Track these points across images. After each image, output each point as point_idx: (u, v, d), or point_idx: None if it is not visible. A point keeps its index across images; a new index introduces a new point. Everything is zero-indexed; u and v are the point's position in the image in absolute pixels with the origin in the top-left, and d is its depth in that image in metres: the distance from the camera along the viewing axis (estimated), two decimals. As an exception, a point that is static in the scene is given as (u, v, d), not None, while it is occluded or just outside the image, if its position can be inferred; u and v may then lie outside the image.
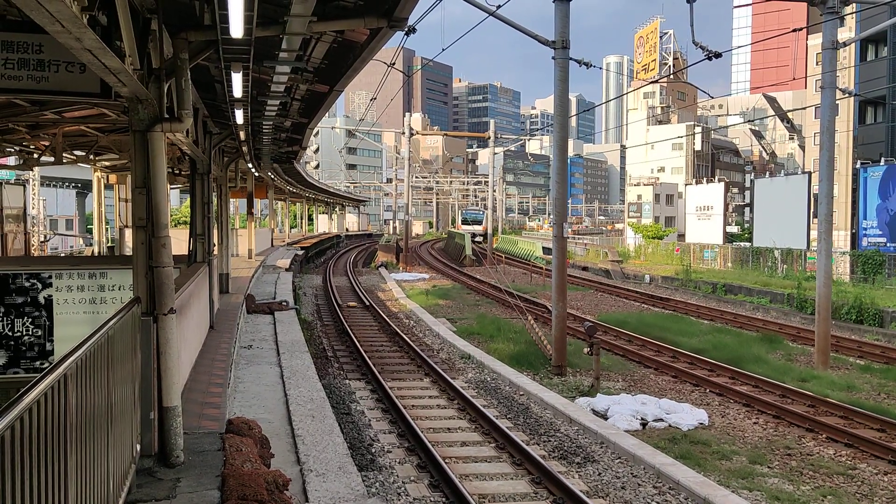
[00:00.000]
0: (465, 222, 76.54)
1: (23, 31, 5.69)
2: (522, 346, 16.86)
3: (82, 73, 5.87)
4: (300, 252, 39.85)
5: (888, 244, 33.07)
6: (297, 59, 8.53)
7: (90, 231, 41.14)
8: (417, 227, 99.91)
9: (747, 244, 43.59)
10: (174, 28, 6.26)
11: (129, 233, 21.13)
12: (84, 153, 18.08)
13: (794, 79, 34.48)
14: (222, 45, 6.43)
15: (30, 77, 5.79)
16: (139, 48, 5.53)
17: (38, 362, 9.17)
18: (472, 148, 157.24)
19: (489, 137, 50.31)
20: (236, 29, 5.77)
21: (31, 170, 30.98)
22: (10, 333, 9.13)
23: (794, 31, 16.39)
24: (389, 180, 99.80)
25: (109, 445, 4.34)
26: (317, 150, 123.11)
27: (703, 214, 53.25)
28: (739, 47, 66.07)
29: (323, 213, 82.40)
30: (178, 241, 11.11)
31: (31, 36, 5.71)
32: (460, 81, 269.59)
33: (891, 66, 43.03)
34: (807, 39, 56.20)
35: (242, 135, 13.72)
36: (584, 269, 43.30)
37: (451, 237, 64.11)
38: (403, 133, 44.56)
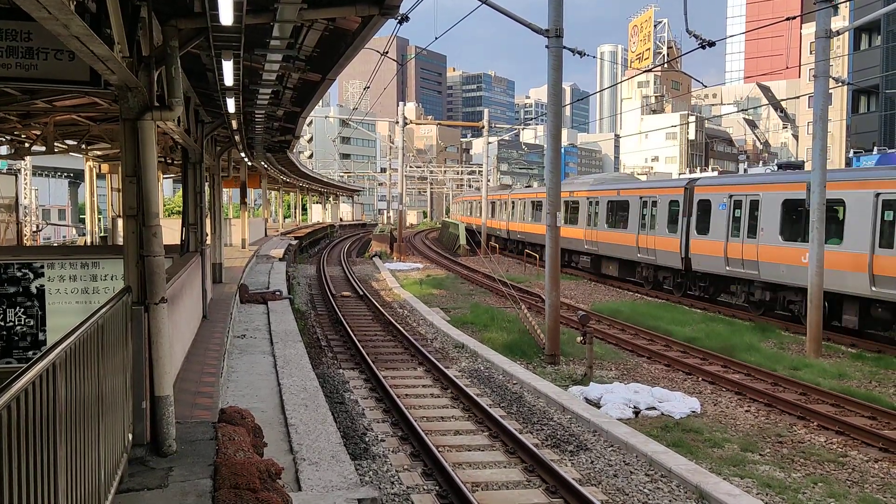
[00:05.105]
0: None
1: (11, 18, 5.63)
2: (516, 336, 16.87)
3: (71, 61, 5.82)
4: (294, 242, 39.80)
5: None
6: (288, 48, 8.49)
7: (83, 221, 40.97)
8: (412, 217, 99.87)
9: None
10: (164, 15, 6.22)
11: (121, 222, 21.10)
12: (76, 142, 17.97)
13: (787, 68, 34.48)
14: (213, 33, 6.39)
15: (18, 65, 5.74)
16: (128, 36, 5.49)
17: (30, 352, 9.15)
18: (466, 137, 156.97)
19: (483, 127, 50.21)
20: (226, 16, 5.73)
21: (23, 159, 30.79)
22: (2, 323, 9.11)
23: (788, 19, 16.38)
24: (383, 170, 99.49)
25: (101, 434, 4.34)
26: (310, 139, 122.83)
27: (697, 204, 53.22)
28: (733, 36, 66.03)
29: (317, 202, 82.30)
30: (171, 231, 11.10)
31: (20, 23, 5.66)
32: (454, 71, 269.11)
33: (884, 55, 43.13)
34: (801, 28, 56.21)
35: (235, 124, 13.65)
36: (578, 258, 43.29)
37: (446, 227, 64.02)
38: (397, 122, 44.40)
